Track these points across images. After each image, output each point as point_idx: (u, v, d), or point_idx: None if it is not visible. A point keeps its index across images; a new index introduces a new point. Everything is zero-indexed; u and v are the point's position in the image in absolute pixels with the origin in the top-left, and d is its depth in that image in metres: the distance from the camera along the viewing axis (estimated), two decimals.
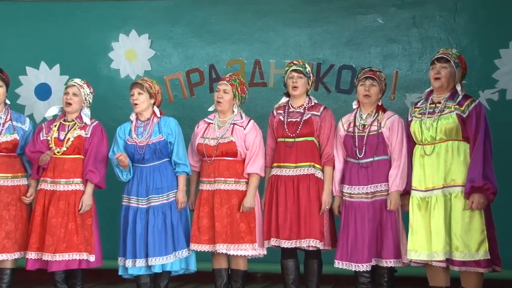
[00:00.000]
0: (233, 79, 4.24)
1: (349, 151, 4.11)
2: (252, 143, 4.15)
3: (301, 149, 4.13)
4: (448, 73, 3.84)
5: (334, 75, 5.67)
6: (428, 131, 3.84)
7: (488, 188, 3.68)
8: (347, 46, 5.68)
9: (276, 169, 4.18)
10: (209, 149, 4.14)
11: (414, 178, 3.90)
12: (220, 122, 4.24)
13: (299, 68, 4.18)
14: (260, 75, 5.75)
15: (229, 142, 4.13)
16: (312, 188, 4.09)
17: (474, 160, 3.72)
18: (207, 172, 4.16)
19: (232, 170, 4.13)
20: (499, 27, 5.42)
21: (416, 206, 3.86)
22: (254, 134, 4.18)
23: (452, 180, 3.78)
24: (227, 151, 4.13)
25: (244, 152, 4.15)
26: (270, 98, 5.58)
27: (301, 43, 5.74)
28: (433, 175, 3.82)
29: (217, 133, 4.17)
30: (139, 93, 4.22)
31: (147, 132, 4.18)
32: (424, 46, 5.59)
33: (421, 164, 3.87)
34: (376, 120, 4.09)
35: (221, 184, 4.11)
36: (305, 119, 4.16)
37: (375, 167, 4.02)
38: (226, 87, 4.19)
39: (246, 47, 5.78)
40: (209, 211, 4.11)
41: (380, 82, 4.12)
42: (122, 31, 5.84)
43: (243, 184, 4.15)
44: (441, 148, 3.81)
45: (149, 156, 4.15)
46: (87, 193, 4.20)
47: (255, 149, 4.15)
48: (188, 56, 5.83)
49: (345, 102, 5.47)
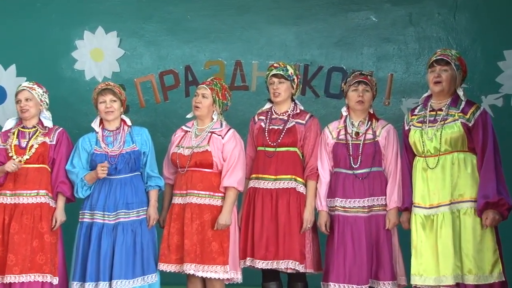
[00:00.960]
0: (214, 84, 4.23)
1: (341, 161, 4.09)
2: (230, 153, 4.13)
3: (282, 160, 4.12)
4: (450, 77, 3.83)
5: (323, 78, 5.72)
6: (431, 141, 3.82)
7: (503, 204, 3.68)
8: (337, 46, 5.74)
9: (254, 180, 4.16)
10: (183, 159, 4.12)
11: (417, 194, 3.87)
12: (197, 130, 4.23)
13: (279, 72, 4.17)
14: (242, 78, 5.79)
15: (204, 151, 4.12)
16: (293, 204, 4.07)
17: (486, 174, 3.71)
18: (179, 184, 4.14)
19: (206, 183, 4.10)
20: (503, 26, 5.52)
21: (420, 225, 3.83)
22: (233, 144, 4.16)
23: (460, 195, 3.77)
24: (201, 161, 4.11)
25: (220, 163, 4.13)
26: (252, 103, 5.60)
27: (287, 43, 5.78)
28: (439, 190, 3.80)
29: (193, 142, 4.17)
30: (112, 100, 4.20)
31: (119, 141, 4.17)
32: (421, 46, 5.65)
33: (424, 178, 3.84)
34: (370, 128, 4.09)
35: (193, 198, 4.08)
36: (289, 127, 4.16)
37: (372, 179, 4.02)
38: (205, 92, 4.19)
39: (226, 47, 5.80)
40: (180, 227, 4.09)
41: (372, 87, 4.12)
42: (87, 27, 5.82)
43: (218, 198, 4.11)
44: (446, 161, 3.80)
45: (122, 167, 4.12)
46: (60, 208, 4.16)
47: (233, 160, 4.12)
48: (161, 56, 5.84)
49: (335, 108, 5.47)
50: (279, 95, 4.18)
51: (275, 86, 4.18)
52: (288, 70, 4.21)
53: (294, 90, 4.25)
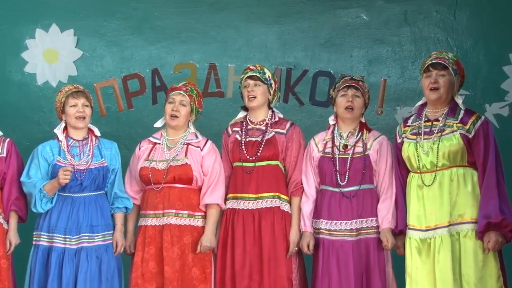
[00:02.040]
0: (190, 89, 4.23)
1: (327, 177, 4.10)
2: (211, 168, 4.14)
3: (263, 175, 4.12)
4: (448, 82, 3.87)
5: (308, 83, 5.72)
6: (427, 156, 3.84)
7: (507, 225, 3.70)
8: (324, 48, 5.73)
9: (232, 201, 4.16)
10: (157, 173, 4.10)
11: (411, 215, 3.88)
12: (169, 141, 4.21)
13: (255, 74, 4.18)
14: (216, 83, 5.78)
15: (184, 165, 4.11)
16: (278, 225, 4.08)
17: (487, 191, 3.73)
18: (153, 204, 4.11)
19: (185, 201, 4.10)
20: (509, 26, 5.53)
21: (415, 250, 3.85)
22: (213, 157, 4.17)
23: (460, 216, 3.79)
24: (180, 176, 4.10)
25: (201, 178, 4.13)
26: (228, 112, 5.54)
27: (268, 44, 5.77)
28: (436, 210, 3.82)
29: (166, 155, 4.15)
30: (85, 105, 4.16)
31: (87, 154, 4.12)
32: (418, 48, 5.67)
33: (420, 196, 3.87)
34: (360, 140, 4.11)
35: (172, 218, 4.07)
36: (268, 138, 4.17)
37: (361, 198, 4.03)
38: (184, 99, 4.18)
39: (199, 48, 5.78)
40: (156, 253, 4.06)
41: (363, 94, 4.15)
42: (39, 25, 5.76)
43: (199, 218, 4.12)
44: (444, 177, 3.83)
45: (88, 184, 4.07)
46: (13, 229, 4.09)
47: (215, 176, 4.13)
48: (125, 58, 5.81)
49: (321, 117, 5.51)
50: (254, 99, 4.17)
51: (250, 88, 4.18)
52: (265, 73, 4.22)
53: (271, 97, 4.25)
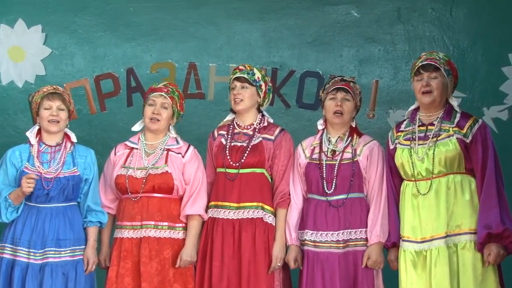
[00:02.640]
0: (172, 91, 4.23)
1: (313, 185, 4.11)
2: (194, 176, 4.14)
3: (246, 183, 4.12)
4: (440, 85, 3.89)
5: (295, 84, 5.74)
6: (422, 162, 3.86)
7: (508, 236, 3.71)
8: (312, 47, 5.75)
9: (213, 209, 4.16)
10: (135, 182, 4.10)
11: (406, 226, 3.89)
12: (147, 147, 4.21)
13: (243, 75, 4.20)
14: (196, 84, 5.78)
15: (164, 173, 4.11)
16: (259, 237, 4.07)
17: (487, 200, 3.74)
18: (130, 214, 4.11)
19: (165, 212, 4.10)
20: (508, 25, 5.57)
21: (410, 263, 3.85)
22: (196, 164, 4.17)
23: (457, 226, 3.80)
24: (160, 185, 4.10)
25: (182, 187, 4.14)
26: (209, 115, 5.64)
27: (251, 42, 5.79)
28: (432, 220, 3.83)
29: (145, 162, 4.15)
30: (60, 108, 4.14)
31: (57, 162, 4.09)
32: (412, 47, 5.69)
33: (415, 206, 3.88)
34: (349, 146, 4.12)
35: (151, 230, 4.06)
36: (254, 144, 4.17)
37: (349, 207, 4.03)
38: (165, 101, 4.18)
39: (177, 46, 5.78)
40: (133, 267, 4.06)
41: (354, 96, 4.15)
42: (4, 20, 5.74)
43: (180, 230, 4.12)
44: (441, 185, 3.84)
45: (55, 194, 4.05)
46: None
47: (197, 185, 4.14)
48: (97, 56, 5.80)
49: (309, 121, 5.51)
50: (240, 102, 4.19)
51: (236, 91, 4.20)
52: (254, 74, 4.24)
53: (261, 99, 4.27)
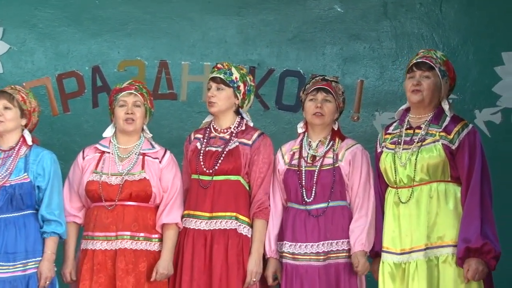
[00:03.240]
0: (140, 88, 4.23)
1: (292, 193, 4.11)
2: (171, 183, 4.14)
3: (220, 192, 4.12)
4: (432, 85, 3.89)
5: (274, 84, 5.76)
6: (404, 168, 3.87)
7: (489, 251, 3.69)
8: (293, 44, 5.77)
9: (186, 219, 4.15)
10: (110, 189, 4.10)
11: (386, 236, 3.90)
12: (120, 151, 4.21)
13: (219, 76, 4.20)
14: (168, 83, 5.77)
15: (142, 180, 4.11)
16: (232, 250, 4.06)
17: (469, 211, 3.74)
18: (103, 224, 4.09)
19: (141, 221, 4.10)
20: (502, 22, 5.60)
21: (389, 276, 3.87)
22: (173, 170, 4.17)
23: (439, 238, 3.80)
24: (138, 193, 4.10)
25: (160, 195, 4.14)
26: (181, 117, 5.61)
27: (227, 38, 5.79)
28: (412, 231, 3.83)
29: (119, 167, 4.15)
30: (5, 107, 4.12)
31: (7, 168, 4.07)
32: (399, 45, 5.73)
33: (395, 215, 3.89)
34: (331, 150, 4.12)
35: (127, 242, 4.06)
36: (230, 149, 4.17)
37: (330, 216, 4.04)
38: (137, 99, 4.18)
39: (147, 42, 5.78)
40: (107, 282, 4.04)
41: (336, 97, 4.16)
42: None
43: (155, 241, 4.12)
44: (422, 193, 3.84)
45: (2, 204, 4.02)
46: None
47: (174, 192, 4.14)
48: (60, 53, 5.78)
49: (289, 124, 5.54)
50: (214, 105, 4.18)
51: (210, 92, 4.20)
52: (232, 74, 4.23)
53: (240, 101, 4.25)
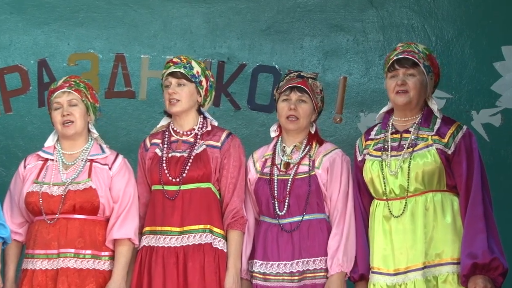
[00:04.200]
0: (75, 84, 4.21)
1: (263, 205, 4.14)
2: (123, 192, 4.14)
3: (191, 203, 4.13)
4: (419, 84, 3.92)
5: (246, 81, 5.78)
6: (396, 178, 3.91)
7: (497, 267, 3.75)
8: (267, 36, 5.79)
9: (149, 236, 4.16)
10: (51, 201, 4.08)
11: (376, 254, 3.94)
12: (66, 157, 4.19)
13: (179, 70, 4.21)
14: (125, 80, 5.78)
15: (87, 189, 4.10)
16: (209, 267, 4.09)
17: (472, 224, 3.79)
18: (44, 241, 4.07)
19: (88, 237, 4.09)
20: (501, 12, 5.64)
21: None
22: (126, 178, 4.17)
23: (437, 255, 3.85)
24: (82, 204, 4.08)
25: (109, 206, 4.13)
26: (140, 118, 5.64)
27: (192, 29, 5.80)
28: (407, 248, 3.87)
29: (62, 176, 4.13)
30: None
31: None
32: (387, 37, 5.75)
33: (386, 231, 3.93)
34: (307, 156, 4.14)
35: (70, 260, 4.05)
36: (197, 153, 4.18)
37: (305, 232, 4.05)
38: (72, 97, 4.16)
39: (102, 33, 5.79)
40: None
41: (313, 96, 4.17)
42: None
43: (106, 260, 4.12)
44: (417, 205, 3.89)
45: None
46: None
47: (127, 202, 4.13)
48: (1, 45, 5.77)
49: (263, 126, 5.57)
50: (176, 103, 4.17)
51: (171, 89, 4.18)
52: (192, 68, 4.23)
53: (202, 98, 4.26)
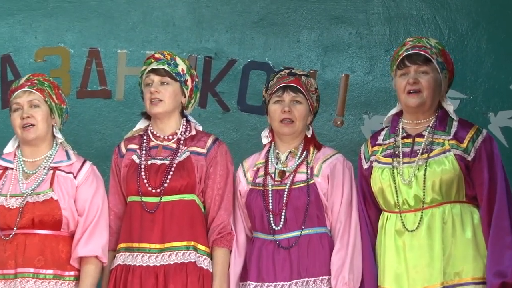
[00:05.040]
0: (39, 82, 4.22)
1: (256, 220, 4.16)
2: (90, 203, 4.17)
3: (172, 217, 4.16)
4: (433, 82, 3.96)
5: (236, 79, 5.80)
6: (409, 187, 3.93)
7: None
8: (259, 29, 5.80)
9: (125, 254, 4.20)
10: (7, 214, 4.13)
11: (387, 273, 3.97)
12: (27, 165, 4.22)
13: (162, 67, 4.21)
14: (100, 78, 5.81)
15: (48, 201, 4.14)
16: None
17: (498, 239, 3.82)
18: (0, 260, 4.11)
19: (50, 255, 4.12)
20: None
21: None
22: (93, 187, 4.19)
23: (457, 274, 3.88)
24: (42, 217, 4.12)
25: (74, 219, 4.16)
26: (117, 120, 5.67)
27: (176, 21, 5.82)
28: (423, 267, 3.90)
29: (21, 186, 4.17)
30: None
31: None
32: (393, 30, 5.76)
33: (399, 247, 3.96)
34: (304, 163, 4.16)
35: (29, 281, 4.10)
36: (180, 160, 4.20)
37: (305, 248, 4.08)
38: (33, 97, 4.19)
39: (73, 25, 5.82)
40: None
41: (308, 96, 4.18)
42: None
43: (70, 280, 4.17)
44: (434, 218, 3.92)
45: None
46: None
47: (94, 215, 4.16)
48: None
49: (254, 130, 5.58)
50: (159, 103, 4.18)
51: (153, 87, 4.16)
52: (177, 65, 4.25)
53: (186, 100, 4.27)
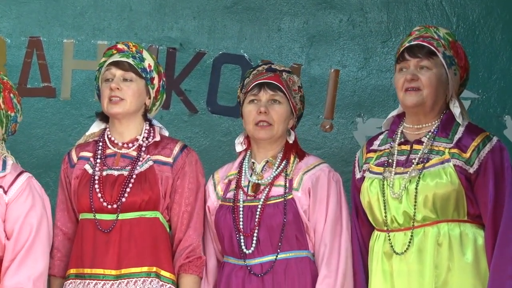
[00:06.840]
0: None
1: (225, 241, 4.31)
2: (21, 224, 4.27)
3: (131, 237, 4.31)
4: (435, 79, 4.09)
5: (205, 75, 5.96)
6: (399, 202, 4.07)
7: None
8: (233, 15, 5.98)
9: (75, 282, 4.33)
10: None
11: None
12: None
13: (127, 60, 4.36)
14: (42, 72, 5.97)
15: None
16: None
17: (499, 267, 3.95)
18: None
19: None
20: None
21: None
22: (28, 204, 4.30)
23: None
24: None
25: (0, 243, 4.25)
26: (63, 123, 5.79)
27: (132, 5, 5.97)
28: None
29: None
30: None
31: None
32: (392, 18, 5.92)
33: (386, 272, 4.12)
34: (282, 175, 4.30)
35: None
36: (141, 171, 4.36)
37: (281, 275, 4.22)
38: None
39: (10, 10, 5.97)
40: None
41: (290, 95, 4.34)
42: None
43: None
44: (427, 239, 4.06)
45: None
46: None
47: (26, 238, 4.26)
48: None
49: (228, 135, 5.79)
50: (120, 103, 4.32)
51: (114, 83, 4.30)
52: (144, 60, 4.41)
53: (151, 101, 4.44)
